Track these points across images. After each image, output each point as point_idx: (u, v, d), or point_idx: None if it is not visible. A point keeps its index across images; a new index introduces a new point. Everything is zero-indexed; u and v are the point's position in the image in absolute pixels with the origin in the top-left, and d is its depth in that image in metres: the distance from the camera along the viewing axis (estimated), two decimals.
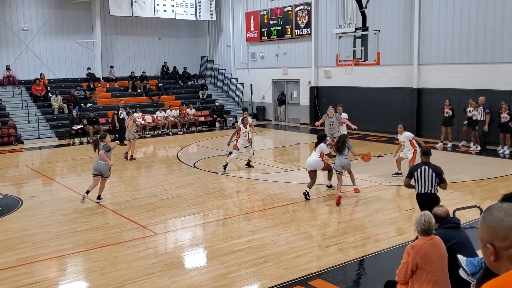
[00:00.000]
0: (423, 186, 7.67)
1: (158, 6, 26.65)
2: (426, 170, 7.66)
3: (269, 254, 7.64)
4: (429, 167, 7.70)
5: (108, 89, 25.92)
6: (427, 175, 7.64)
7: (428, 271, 4.87)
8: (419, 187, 7.71)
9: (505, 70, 16.56)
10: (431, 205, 7.39)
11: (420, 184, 7.69)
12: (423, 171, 7.67)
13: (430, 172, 7.65)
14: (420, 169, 7.71)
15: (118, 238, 8.59)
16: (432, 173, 7.65)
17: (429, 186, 7.64)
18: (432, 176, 7.63)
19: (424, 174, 7.65)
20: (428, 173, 7.64)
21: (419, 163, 7.95)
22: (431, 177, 7.63)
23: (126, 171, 15.63)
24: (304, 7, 23.95)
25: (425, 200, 7.57)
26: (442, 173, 7.75)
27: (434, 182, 7.65)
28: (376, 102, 20.70)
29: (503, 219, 1.85)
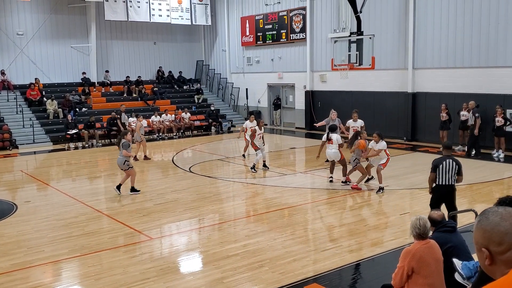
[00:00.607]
0: (445, 178, 8.04)
1: (154, 10, 26.68)
2: (449, 163, 8.05)
3: (265, 258, 7.63)
4: (452, 160, 8.10)
5: (103, 93, 25.88)
6: (450, 167, 8.03)
7: (424, 275, 4.88)
8: (441, 179, 8.06)
9: (499, 74, 16.65)
10: (450, 196, 8.09)
11: (442, 176, 8.05)
12: (447, 164, 8.05)
13: (454, 164, 8.05)
14: (445, 162, 8.06)
15: (114, 243, 8.56)
16: (456, 165, 8.06)
17: (451, 178, 8.05)
18: (454, 169, 8.04)
19: (447, 166, 8.04)
20: (452, 166, 8.03)
21: (442, 157, 8.26)
22: (453, 169, 8.04)
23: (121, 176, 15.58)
24: (299, 11, 24.03)
25: (445, 191, 8.09)
26: (461, 166, 8.19)
27: (454, 174, 8.06)
28: (372, 106, 20.75)
29: (498, 223, 1.85)
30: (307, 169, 15.17)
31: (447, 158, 8.14)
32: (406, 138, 19.49)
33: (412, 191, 11.81)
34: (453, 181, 8.08)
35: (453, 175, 8.05)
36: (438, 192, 8.16)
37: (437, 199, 8.16)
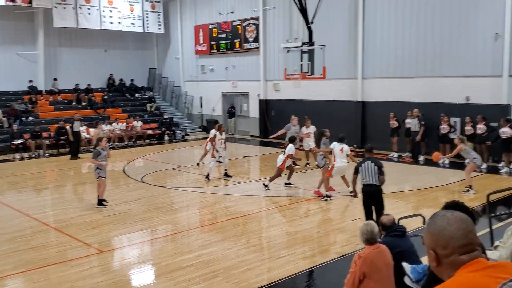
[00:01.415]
0: (367, 178, 8.49)
1: (105, 17, 26.19)
2: (369, 165, 8.52)
3: (219, 268, 7.58)
4: (371, 161, 8.59)
5: (51, 102, 25.11)
6: (371, 168, 8.48)
7: (375, 279, 4.97)
8: (364, 179, 8.54)
9: (444, 84, 17.32)
10: (376, 195, 8.45)
11: (365, 177, 8.52)
12: (367, 165, 8.53)
13: (373, 166, 8.50)
14: (364, 163, 8.57)
15: (62, 257, 8.27)
16: (375, 166, 8.49)
17: (373, 178, 8.46)
18: (374, 169, 8.46)
19: (368, 167, 8.51)
20: (372, 167, 8.49)
21: (363, 159, 8.80)
22: (373, 170, 8.46)
23: (69, 187, 15.15)
24: (253, 21, 24.20)
25: (369, 190, 8.51)
26: (382, 166, 8.61)
27: (376, 175, 8.45)
28: (323, 114, 21.04)
29: (445, 228, 1.93)
30: (261, 177, 15.21)
31: (367, 160, 8.66)
32: (357, 145, 19.91)
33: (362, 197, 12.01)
34: (375, 181, 8.44)
35: (374, 176, 8.44)
36: (365, 191, 8.62)
37: (365, 198, 8.62)
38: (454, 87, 16.99)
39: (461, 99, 16.83)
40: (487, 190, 10.57)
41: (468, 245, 1.90)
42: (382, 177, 8.53)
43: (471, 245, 1.90)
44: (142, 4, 27.57)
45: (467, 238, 1.91)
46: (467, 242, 1.90)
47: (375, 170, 8.45)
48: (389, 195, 12.14)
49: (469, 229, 1.94)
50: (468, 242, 1.90)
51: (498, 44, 15.79)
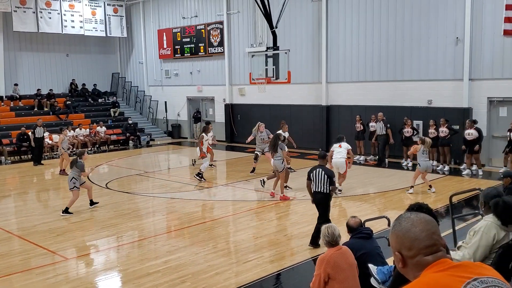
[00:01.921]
0: (317, 185, 8.48)
1: (66, 22, 25.73)
2: (319, 172, 8.48)
3: (187, 273, 7.58)
4: (322, 169, 8.53)
5: (12, 108, 24.47)
6: (321, 176, 8.44)
7: (340, 280, 5.08)
8: (314, 186, 8.53)
9: (406, 87, 17.78)
10: (322, 202, 8.51)
11: (315, 184, 8.51)
12: (317, 172, 8.50)
13: (323, 174, 8.46)
14: (315, 170, 8.53)
15: (25, 265, 8.11)
16: (325, 175, 8.45)
17: (323, 186, 8.43)
18: (324, 177, 8.43)
19: (318, 175, 8.47)
20: (322, 175, 8.45)
21: (314, 166, 8.71)
22: (324, 178, 8.43)
23: (32, 194, 14.82)
24: (217, 25, 24.24)
25: (319, 197, 8.52)
26: (333, 176, 8.59)
27: (326, 183, 8.42)
28: (289, 118, 21.22)
29: (409, 229, 1.97)
30: (228, 182, 15.25)
31: (318, 167, 8.59)
32: (321, 149, 20.18)
33: None
34: (325, 189, 8.43)
35: (324, 183, 8.41)
36: (314, 198, 8.64)
37: (315, 204, 8.66)
38: (417, 90, 17.47)
39: (424, 102, 17.31)
40: (450, 191, 10.93)
41: (432, 246, 1.93)
42: (333, 187, 8.57)
43: (435, 246, 1.94)
44: (104, 8, 27.24)
45: (432, 239, 1.94)
46: (431, 243, 1.93)
47: (324, 179, 8.42)
48: (354, 198, 12.42)
49: (433, 230, 1.97)
50: (432, 243, 1.94)
51: (459, 48, 16.32)
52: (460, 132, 15.75)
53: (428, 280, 1.85)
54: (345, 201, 12.13)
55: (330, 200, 8.65)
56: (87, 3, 26.55)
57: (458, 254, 4.45)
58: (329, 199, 8.57)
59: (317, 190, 8.48)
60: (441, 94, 16.92)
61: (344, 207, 11.59)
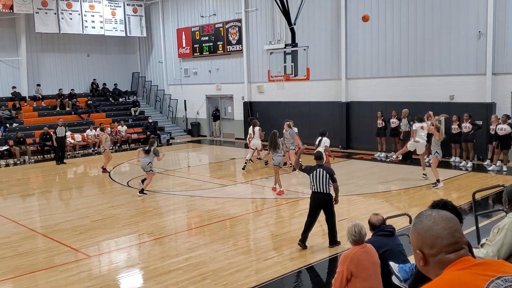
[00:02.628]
0: (319, 186, 8.31)
1: (86, 22, 26.05)
2: (320, 172, 8.33)
3: (207, 271, 7.61)
4: (323, 169, 8.40)
5: (35, 108, 24.89)
6: (322, 176, 8.30)
7: (362, 278, 5.04)
8: (315, 186, 8.36)
9: (427, 83, 17.54)
10: (327, 203, 8.37)
11: (316, 184, 8.34)
12: (318, 172, 8.34)
13: (325, 173, 8.33)
14: (315, 171, 8.37)
15: (49, 263, 8.24)
16: (326, 174, 8.34)
17: (324, 186, 8.30)
18: (325, 177, 8.30)
19: (319, 175, 8.31)
20: (323, 174, 8.31)
21: (313, 166, 8.54)
22: (325, 177, 8.30)
23: (55, 192, 15.05)
24: (235, 23, 24.26)
25: (321, 198, 8.37)
26: (334, 173, 8.50)
27: (328, 183, 8.32)
28: (308, 116, 21.23)
29: (431, 227, 1.94)
30: (247, 180, 15.27)
31: (318, 167, 8.44)
32: (342, 146, 20.07)
33: (348, 197, 12.16)
34: (327, 189, 8.31)
35: (326, 183, 8.29)
36: (315, 199, 8.43)
37: (314, 205, 8.43)
38: (438, 86, 17.22)
39: (445, 98, 17.06)
40: (473, 188, 10.76)
41: (455, 244, 1.91)
42: (335, 184, 8.44)
43: (457, 244, 1.91)
44: (123, 8, 27.48)
45: (454, 237, 1.91)
46: (453, 241, 1.91)
47: (326, 178, 8.30)
48: (376, 195, 12.33)
49: (456, 227, 1.94)
50: (454, 241, 1.91)
51: (481, 42, 16.03)
52: (484, 127, 15.49)
53: (451, 278, 1.82)
54: (366, 199, 12.04)
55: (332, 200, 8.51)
56: (107, 4, 26.83)
57: (482, 252, 4.37)
58: (331, 199, 8.46)
59: (318, 190, 8.35)
60: (463, 89, 16.64)
61: (365, 205, 11.50)
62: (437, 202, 4.32)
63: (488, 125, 15.40)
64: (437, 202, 4.32)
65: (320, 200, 8.38)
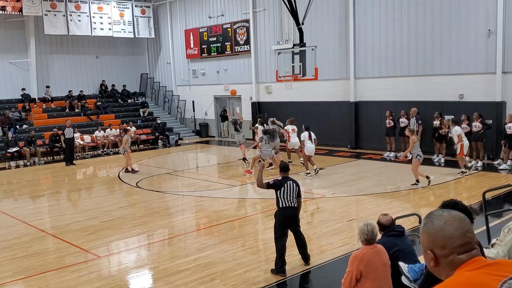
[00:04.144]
0: (289, 200, 7.50)
1: (95, 24, 26.19)
2: (291, 185, 7.54)
3: (216, 271, 7.62)
4: (292, 181, 7.62)
5: (45, 109, 25.06)
6: (293, 189, 7.52)
7: (372, 278, 5.02)
8: (285, 201, 7.47)
9: (436, 82, 17.44)
10: (295, 219, 7.60)
11: (286, 198, 7.48)
12: (289, 185, 7.52)
13: (295, 186, 7.58)
14: (286, 184, 7.52)
15: (60, 263, 8.29)
16: (296, 187, 7.58)
17: (293, 200, 7.53)
18: (295, 190, 7.54)
19: (290, 188, 7.51)
20: (293, 187, 7.54)
21: (282, 179, 7.65)
22: (295, 191, 7.54)
23: (65, 193, 15.14)
24: (243, 24, 24.27)
25: (290, 214, 7.54)
26: (300, 186, 7.75)
27: (295, 196, 7.56)
28: (316, 116, 21.19)
29: (442, 228, 1.92)
30: (255, 180, 15.24)
31: (288, 179, 7.62)
32: (350, 146, 20.01)
33: (358, 197, 12.13)
34: (295, 203, 7.53)
35: (295, 197, 7.51)
36: (284, 216, 7.51)
37: (281, 222, 7.52)
38: (448, 85, 17.10)
39: (455, 97, 16.95)
40: (483, 187, 10.69)
41: (466, 244, 1.89)
42: (300, 199, 7.67)
43: (469, 244, 1.90)
44: (132, 10, 27.59)
45: (466, 237, 1.90)
46: (465, 242, 1.89)
47: (296, 191, 7.51)
48: (384, 195, 12.28)
49: (467, 228, 1.93)
50: (466, 241, 1.89)
51: (491, 40, 15.90)
52: (494, 126, 15.37)
53: (463, 279, 1.81)
54: (375, 199, 12.00)
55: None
56: (115, 5, 26.96)
57: (492, 252, 4.34)
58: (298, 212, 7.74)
59: (288, 205, 7.46)
60: (473, 88, 16.52)
61: (374, 205, 11.45)
62: (447, 202, 4.29)
63: (502, 124, 15.28)
64: (447, 202, 4.29)
65: (289, 217, 7.52)
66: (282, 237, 7.48)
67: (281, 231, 7.50)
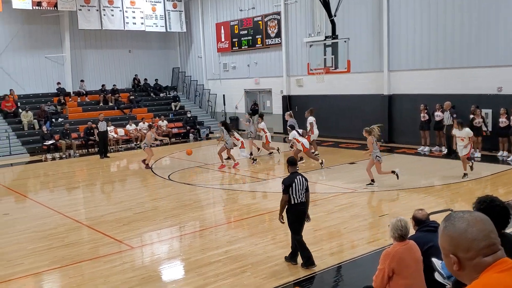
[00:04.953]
0: (299, 195, 7.35)
1: (128, 18, 26.53)
2: (301, 179, 7.38)
3: (246, 264, 7.64)
4: (301, 176, 7.48)
5: (79, 103, 25.61)
6: (302, 184, 7.37)
7: (404, 275, 4.94)
8: (296, 198, 7.33)
9: (473, 74, 16.93)
10: (304, 213, 7.47)
11: (297, 194, 7.33)
12: (299, 180, 7.36)
13: (304, 180, 7.43)
14: (296, 179, 7.36)
15: (94, 253, 8.47)
16: (305, 181, 7.45)
17: (302, 195, 7.39)
18: (304, 185, 7.40)
19: (300, 183, 7.35)
20: (303, 182, 7.40)
21: (291, 175, 7.47)
22: (304, 185, 7.39)
23: (99, 185, 15.44)
24: (274, 16, 24.17)
25: (301, 210, 7.42)
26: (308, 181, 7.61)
27: (304, 191, 7.42)
28: (348, 109, 20.96)
29: (466, 230, 1.87)
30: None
31: (297, 174, 7.46)
32: (384, 140, 19.71)
33: (390, 192, 11.96)
34: (303, 198, 7.39)
35: (303, 192, 7.36)
36: (297, 211, 7.39)
37: (294, 220, 7.43)
38: (485, 77, 16.57)
39: (493, 90, 16.44)
40: None
41: (491, 246, 1.85)
42: (308, 193, 7.52)
43: (494, 246, 1.86)
44: (163, 4, 27.83)
45: (490, 239, 1.86)
46: (490, 243, 1.85)
47: (304, 186, 7.36)
48: (418, 190, 12.07)
49: (491, 229, 1.88)
50: (491, 243, 1.85)
51: None
52: None
53: (491, 281, 1.77)
54: (408, 194, 11.80)
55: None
56: (147, 0, 27.24)
57: None
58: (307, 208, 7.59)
59: (299, 201, 7.33)
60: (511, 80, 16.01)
61: (407, 200, 11.27)
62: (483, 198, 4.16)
63: None
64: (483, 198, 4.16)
65: (300, 213, 7.41)
66: (299, 230, 7.48)
67: (293, 226, 7.49)
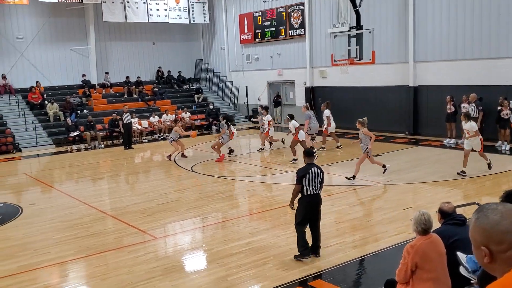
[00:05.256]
0: (313, 187, 7.36)
1: (151, 10, 26.68)
2: (315, 171, 7.38)
3: (269, 255, 7.65)
4: (317, 168, 7.46)
5: (104, 95, 25.92)
6: (317, 175, 7.37)
7: (428, 269, 4.87)
8: (309, 188, 7.34)
9: (501, 65, 16.54)
10: (318, 207, 7.43)
11: (310, 185, 7.34)
12: (314, 172, 7.35)
13: (319, 172, 7.42)
14: (311, 170, 7.35)
15: (118, 243, 8.59)
16: (321, 173, 7.43)
17: (317, 187, 7.40)
18: (319, 177, 7.40)
19: (314, 174, 7.35)
20: (318, 174, 7.38)
21: (306, 166, 7.47)
22: (319, 177, 7.39)
23: (123, 176, 15.63)
24: (298, 7, 23.99)
25: (315, 201, 7.43)
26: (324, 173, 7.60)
27: (319, 183, 7.42)
28: (372, 101, 20.73)
29: (499, 222, 1.84)
30: None
31: (312, 166, 7.43)
32: (409, 132, 19.47)
33: (415, 185, 11.81)
34: (318, 190, 7.41)
35: (318, 184, 7.37)
36: (307, 203, 7.37)
37: (305, 211, 7.39)
38: None
39: None
40: None
41: None
42: (322, 184, 7.52)
43: None
44: None
45: None
46: None
47: (321, 177, 7.38)
48: (443, 183, 11.88)
49: None
50: None
51: None
52: None
53: None
54: (433, 187, 11.63)
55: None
56: None
57: None
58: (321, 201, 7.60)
59: (314, 193, 7.35)
60: None
61: (432, 193, 11.11)
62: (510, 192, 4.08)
63: None
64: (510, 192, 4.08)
65: (314, 205, 7.42)
66: (303, 223, 7.44)
67: (301, 218, 7.42)
